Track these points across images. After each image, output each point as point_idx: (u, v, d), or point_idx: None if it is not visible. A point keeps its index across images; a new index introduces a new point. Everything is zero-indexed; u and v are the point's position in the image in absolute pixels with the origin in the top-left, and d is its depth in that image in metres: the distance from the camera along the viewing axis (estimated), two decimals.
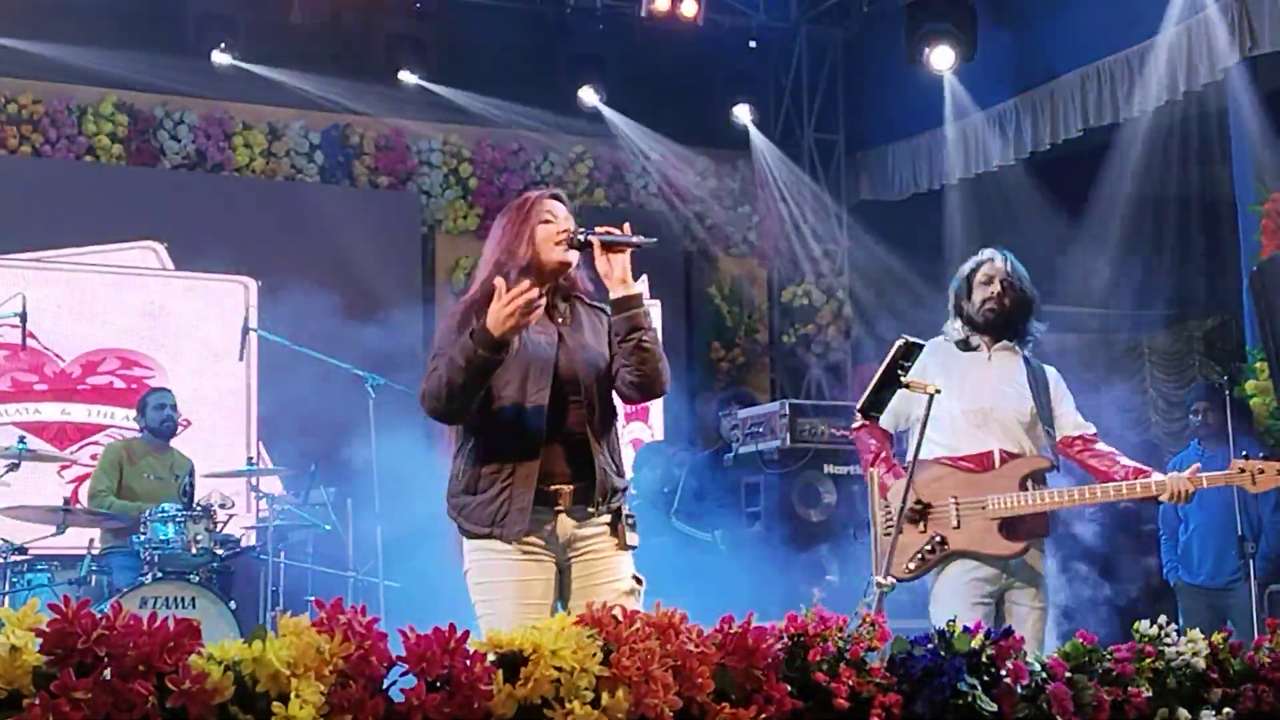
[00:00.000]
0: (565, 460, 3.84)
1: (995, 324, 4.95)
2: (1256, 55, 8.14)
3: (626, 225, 3.95)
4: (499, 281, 3.68)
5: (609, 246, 3.86)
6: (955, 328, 5.05)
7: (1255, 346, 7.83)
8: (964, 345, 5.01)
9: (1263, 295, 7.16)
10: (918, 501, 4.73)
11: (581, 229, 3.93)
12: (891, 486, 4.85)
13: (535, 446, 3.79)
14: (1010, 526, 4.74)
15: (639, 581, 3.92)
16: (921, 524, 4.80)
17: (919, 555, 4.78)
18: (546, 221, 3.95)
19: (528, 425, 3.79)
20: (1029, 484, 4.77)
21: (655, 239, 3.90)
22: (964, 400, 4.56)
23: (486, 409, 3.84)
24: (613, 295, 3.87)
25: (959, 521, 4.76)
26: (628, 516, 3.92)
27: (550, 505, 3.81)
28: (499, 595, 3.78)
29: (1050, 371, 5.03)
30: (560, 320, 3.96)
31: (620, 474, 3.95)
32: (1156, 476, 4.71)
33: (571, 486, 3.83)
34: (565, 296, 4.02)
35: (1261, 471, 4.63)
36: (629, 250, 3.87)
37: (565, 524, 3.84)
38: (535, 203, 4.00)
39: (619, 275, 3.85)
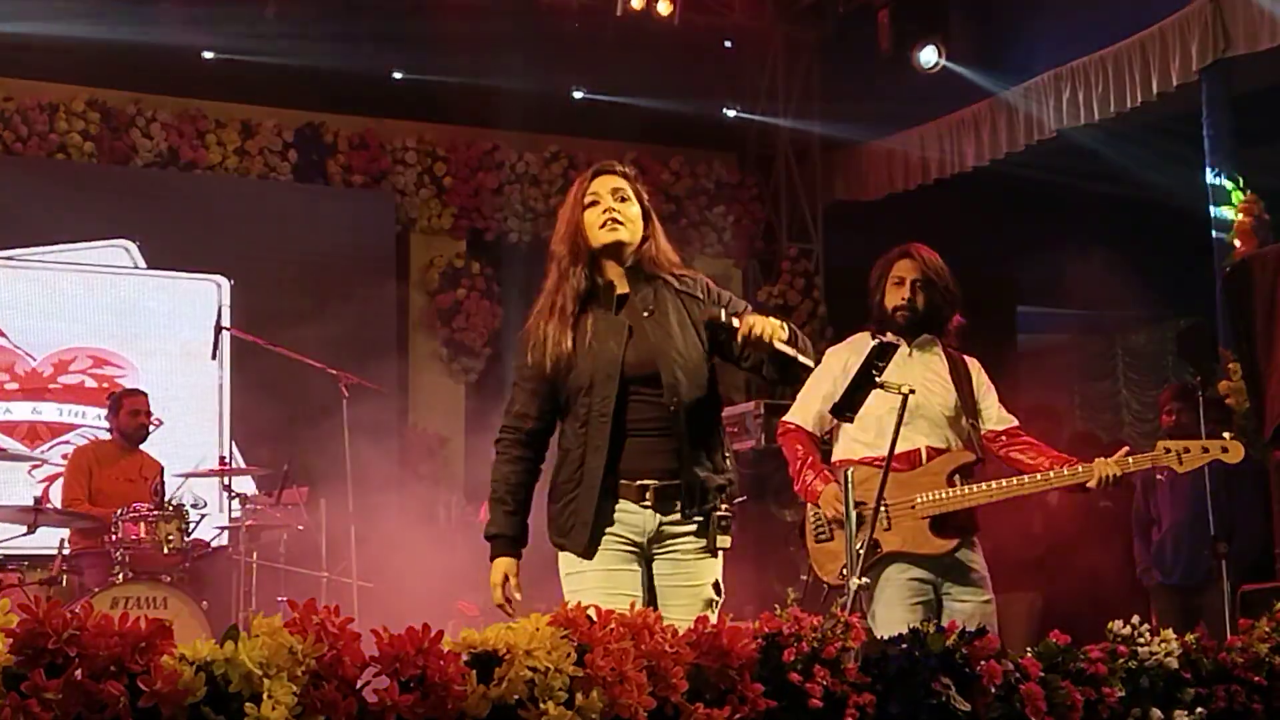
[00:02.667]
0: (647, 459, 3.68)
1: (910, 326, 4.83)
2: (1229, 57, 8.19)
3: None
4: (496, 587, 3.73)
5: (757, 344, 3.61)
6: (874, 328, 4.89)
7: (1229, 347, 7.86)
8: None
9: (1236, 296, 7.19)
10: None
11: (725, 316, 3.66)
12: (822, 492, 4.76)
13: (602, 456, 3.65)
14: (941, 524, 4.67)
15: (718, 592, 3.75)
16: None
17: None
18: (592, 204, 3.78)
19: (594, 433, 3.66)
20: (956, 479, 4.70)
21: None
22: (888, 397, 4.28)
23: (562, 416, 3.78)
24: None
25: (890, 523, 4.65)
26: (720, 518, 3.72)
27: (635, 500, 3.68)
28: (583, 585, 3.69)
29: (972, 362, 4.94)
30: (645, 312, 3.74)
31: (718, 471, 3.75)
32: (1085, 464, 4.64)
33: (655, 483, 3.67)
34: (648, 277, 3.81)
35: (1187, 450, 4.60)
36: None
37: (649, 520, 3.69)
38: (578, 187, 3.83)
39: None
